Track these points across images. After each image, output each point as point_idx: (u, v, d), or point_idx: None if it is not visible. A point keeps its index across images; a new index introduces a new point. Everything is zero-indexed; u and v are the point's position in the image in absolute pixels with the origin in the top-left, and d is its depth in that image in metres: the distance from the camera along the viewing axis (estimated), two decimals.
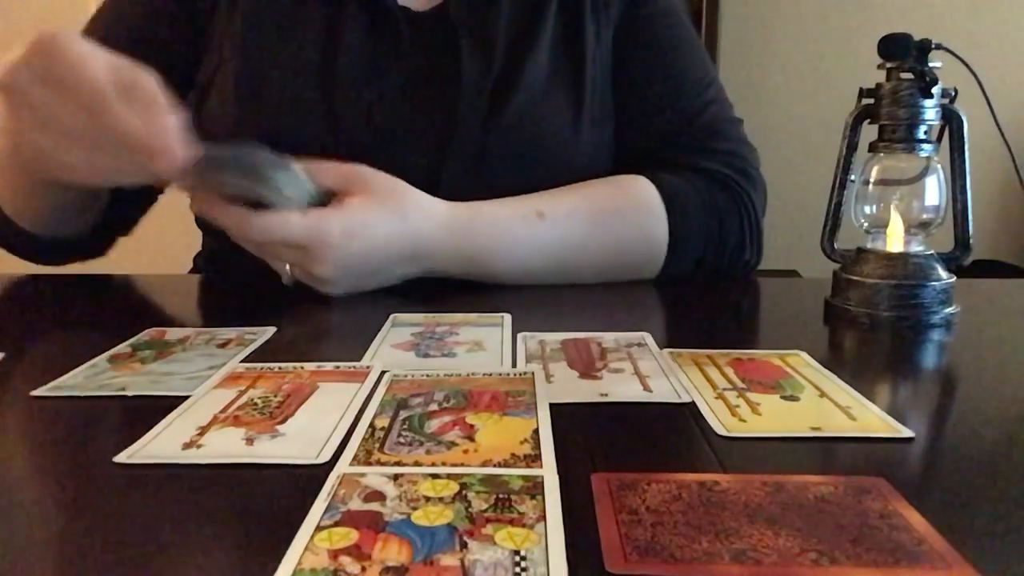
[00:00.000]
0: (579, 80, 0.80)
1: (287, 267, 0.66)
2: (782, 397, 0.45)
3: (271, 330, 0.59)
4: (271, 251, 0.65)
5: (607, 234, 0.73)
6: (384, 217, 0.65)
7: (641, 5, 0.84)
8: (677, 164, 0.79)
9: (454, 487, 0.33)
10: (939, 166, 0.63)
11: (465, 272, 0.71)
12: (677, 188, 0.76)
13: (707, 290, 0.76)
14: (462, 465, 0.36)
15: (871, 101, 0.64)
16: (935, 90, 0.60)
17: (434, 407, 0.43)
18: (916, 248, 0.63)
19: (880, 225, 0.64)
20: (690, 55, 0.85)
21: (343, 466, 0.36)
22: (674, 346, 0.54)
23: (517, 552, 0.29)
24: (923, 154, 0.62)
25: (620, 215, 0.74)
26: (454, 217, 0.69)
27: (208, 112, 0.79)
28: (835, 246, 0.68)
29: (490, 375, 0.48)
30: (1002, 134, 0.65)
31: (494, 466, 0.35)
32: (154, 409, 0.43)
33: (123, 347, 0.55)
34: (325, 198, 0.65)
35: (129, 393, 0.46)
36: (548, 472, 0.35)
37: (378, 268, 0.67)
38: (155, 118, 0.54)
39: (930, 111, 0.61)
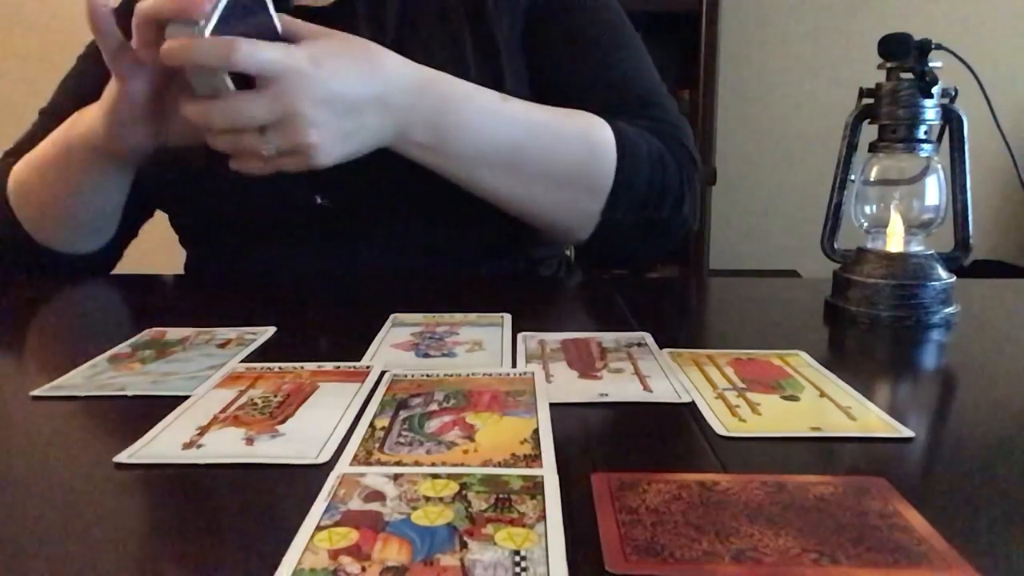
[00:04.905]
0: (494, 55, 0.80)
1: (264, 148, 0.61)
2: (782, 397, 0.45)
3: (271, 330, 0.59)
4: (241, 116, 0.59)
5: (561, 128, 0.73)
6: (349, 49, 0.63)
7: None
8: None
9: (454, 487, 0.33)
10: (939, 166, 0.63)
11: (428, 137, 0.68)
12: (625, 127, 0.76)
13: (707, 290, 0.75)
14: (462, 465, 0.36)
15: (871, 101, 0.64)
16: (935, 90, 0.60)
17: (434, 407, 0.43)
18: (916, 248, 0.63)
19: (880, 225, 0.64)
20: (610, 31, 0.84)
21: (343, 466, 0.36)
22: (674, 346, 0.54)
23: (517, 552, 0.29)
24: (923, 154, 0.62)
25: (572, 118, 0.74)
26: (420, 68, 0.67)
27: None
28: (835, 246, 0.68)
29: (490, 375, 0.48)
30: (1002, 134, 0.65)
31: (494, 466, 0.35)
32: (154, 409, 0.43)
33: (123, 347, 0.55)
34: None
35: (129, 393, 0.46)
36: (548, 472, 0.35)
37: (352, 105, 0.62)
38: None
39: (930, 111, 0.61)
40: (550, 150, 0.72)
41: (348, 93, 0.62)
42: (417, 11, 0.81)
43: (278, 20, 0.61)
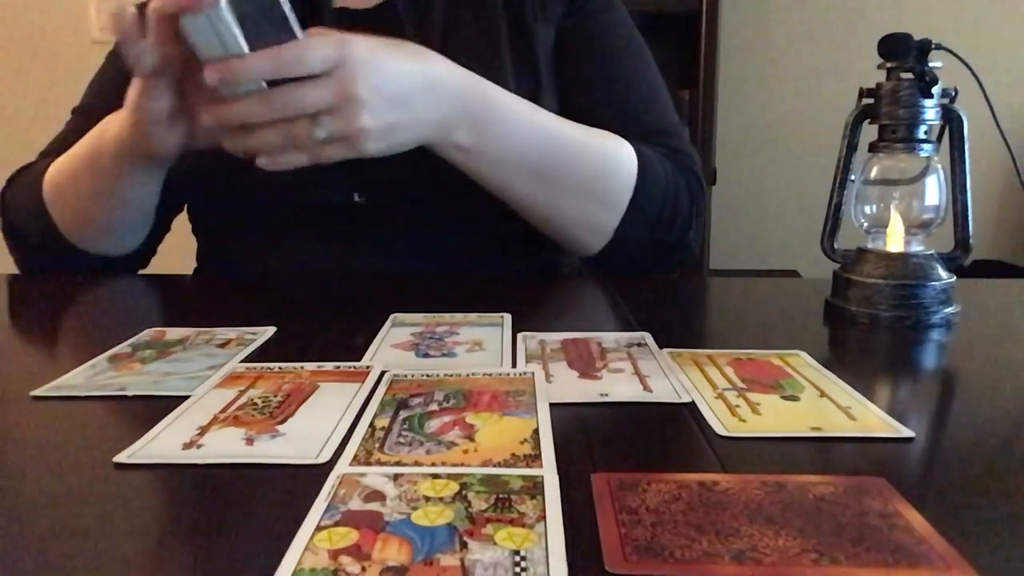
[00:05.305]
0: (532, 64, 0.82)
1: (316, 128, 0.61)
2: (782, 397, 0.45)
3: (271, 330, 0.59)
4: (305, 102, 0.60)
5: (588, 143, 0.76)
6: (401, 46, 0.65)
7: (586, 11, 0.86)
8: None
9: (454, 487, 0.33)
10: (939, 166, 0.63)
11: (468, 139, 0.69)
12: (646, 150, 0.79)
13: (707, 290, 0.75)
14: (462, 465, 0.36)
15: (871, 101, 0.64)
16: (935, 90, 0.60)
17: (434, 407, 0.43)
18: (916, 248, 0.63)
19: (880, 225, 0.64)
20: (633, 62, 0.87)
21: (343, 466, 0.36)
22: (674, 346, 0.54)
23: (517, 552, 0.29)
24: (923, 154, 0.62)
25: (599, 136, 0.77)
26: (467, 72, 0.69)
27: None
28: (835, 246, 0.68)
29: (490, 375, 0.48)
30: (1002, 134, 0.65)
31: (494, 466, 0.36)
32: (154, 409, 0.43)
33: (123, 347, 0.55)
34: None
35: (129, 393, 0.46)
36: (548, 472, 0.35)
37: (405, 95, 0.64)
38: None
39: (930, 111, 0.61)
40: (576, 163, 0.74)
41: (402, 82, 0.63)
42: (460, 18, 0.82)
43: (292, 16, 0.59)
